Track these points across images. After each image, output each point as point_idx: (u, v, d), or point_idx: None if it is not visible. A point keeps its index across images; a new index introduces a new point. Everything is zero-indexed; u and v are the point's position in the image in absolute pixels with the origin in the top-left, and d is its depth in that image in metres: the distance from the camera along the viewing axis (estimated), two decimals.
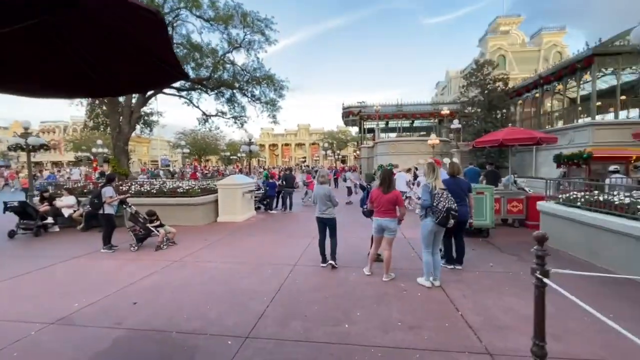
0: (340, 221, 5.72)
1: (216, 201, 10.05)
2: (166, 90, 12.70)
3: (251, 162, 19.52)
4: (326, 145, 36.38)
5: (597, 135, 15.21)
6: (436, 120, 32.73)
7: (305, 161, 79.65)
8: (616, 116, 16.18)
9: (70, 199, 9.19)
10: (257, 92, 13.33)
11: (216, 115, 14.34)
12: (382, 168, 7.81)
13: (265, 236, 7.78)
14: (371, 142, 35.18)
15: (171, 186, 9.67)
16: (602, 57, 15.17)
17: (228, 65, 11.34)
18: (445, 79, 41.79)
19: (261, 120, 57.99)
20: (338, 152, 46.28)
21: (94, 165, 31.06)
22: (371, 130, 37.40)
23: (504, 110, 20.80)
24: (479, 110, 20.56)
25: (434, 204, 4.08)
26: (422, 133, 35.21)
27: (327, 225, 5.32)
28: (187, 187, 9.53)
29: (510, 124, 20.29)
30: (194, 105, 13.64)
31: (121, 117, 11.21)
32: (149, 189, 9.63)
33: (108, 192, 6.54)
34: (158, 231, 6.70)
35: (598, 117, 17.92)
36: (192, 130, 42.15)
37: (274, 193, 11.89)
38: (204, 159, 51.48)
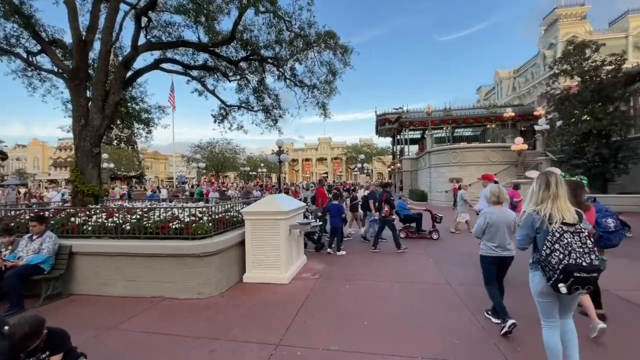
0: None
1: (242, 243, 5.41)
2: (168, 66, 8.43)
3: (280, 177, 14.97)
4: (362, 156, 31.65)
5: None
6: (493, 125, 27.50)
7: (327, 177, 75.28)
8: None
9: None
10: (302, 69, 8.81)
11: (240, 106, 9.88)
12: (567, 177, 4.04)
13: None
14: (415, 153, 30.28)
15: (159, 218, 5.10)
16: None
17: (261, 11, 6.85)
18: (493, 81, 36.72)
19: (287, 127, 53.87)
20: (367, 165, 41.34)
21: None
22: (414, 141, 32.46)
23: (622, 103, 15.50)
24: (579, 104, 15.32)
25: (544, 254, 2.26)
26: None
27: (505, 267, 3.58)
28: (189, 219, 4.92)
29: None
30: (207, 89, 9.25)
31: (90, 103, 6.92)
32: (120, 221, 5.10)
33: None
34: None
35: None
36: (208, 143, 38.68)
37: (339, 223, 7.14)
38: (222, 175, 47.84)
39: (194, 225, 4.82)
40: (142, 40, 7.83)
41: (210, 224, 4.98)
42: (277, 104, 9.97)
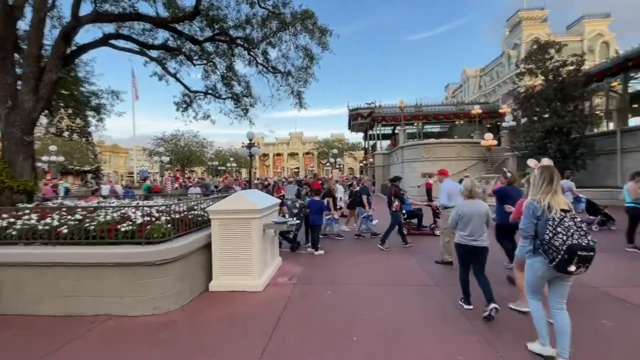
0: None
1: (208, 246, 4.69)
2: (121, 43, 7.33)
3: (251, 172, 14.13)
4: (335, 151, 31.33)
5: None
6: (461, 122, 28.27)
7: (298, 172, 74.52)
8: None
9: None
10: (276, 54, 8.07)
11: (206, 93, 8.95)
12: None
13: None
14: (386, 148, 30.47)
15: (107, 217, 4.23)
16: None
17: None
18: (460, 79, 37.86)
19: (257, 121, 52.35)
20: (339, 160, 41.14)
21: (47, 177, 24.83)
22: (386, 137, 32.63)
23: (581, 102, 16.30)
24: (544, 101, 15.93)
25: (546, 237, 2.49)
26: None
27: (481, 258, 3.73)
28: (143, 220, 4.12)
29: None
30: (168, 72, 8.23)
31: (20, 82, 5.77)
32: (57, 223, 4.17)
33: None
34: None
35: None
36: (173, 136, 36.33)
37: (320, 221, 6.64)
38: (188, 170, 45.45)
39: (149, 227, 4.04)
40: (88, 10, 6.71)
41: (170, 225, 4.22)
42: (248, 92, 9.16)
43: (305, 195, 8.32)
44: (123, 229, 4.05)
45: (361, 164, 45.10)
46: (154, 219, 4.26)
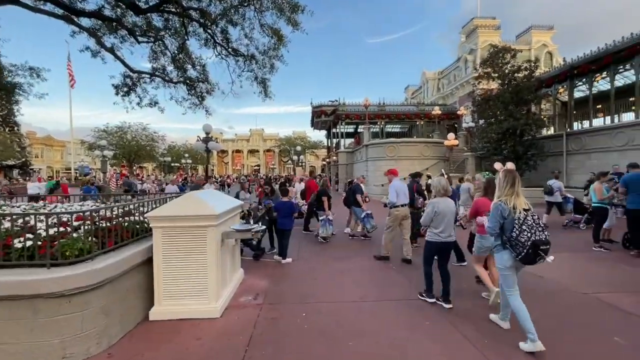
0: None
1: (148, 261, 3.65)
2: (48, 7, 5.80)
3: (208, 169, 12.80)
4: (299, 148, 30.35)
5: None
6: (422, 122, 28.96)
7: (259, 169, 72.44)
8: None
9: None
10: (238, 33, 7.04)
11: (152, 75, 7.63)
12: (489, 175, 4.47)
13: None
14: (348, 146, 30.29)
15: None
16: None
17: None
18: (420, 81, 39.01)
19: (215, 116, 49.44)
20: (302, 158, 40.32)
21: None
22: (349, 135, 32.43)
23: (535, 106, 17.24)
24: (501, 104, 16.60)
25: (513, 234, 2.81)
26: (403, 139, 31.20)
27: (449, 252, 4.06)
28: (55, 231, 2.99)
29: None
30: (103, 46, 6.79)
31: None
32: None
33: None
34: None
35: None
36: (118, 128, 32.72)
37: (291, 225, 5.83)
38: (136, 166, 41.59)
39: (58, 241, 2.93)
40: None
41: (93, 238, 3.13)
42: (204, 77, 7.99)
43: (265, 197, 7.34)
44: (19, 245, 2.89)
45: (324, 162, 44.70)
46: (69, 229, 3.15)
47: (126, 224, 3.78)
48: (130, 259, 3.39)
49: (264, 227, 4.49)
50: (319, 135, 48.91)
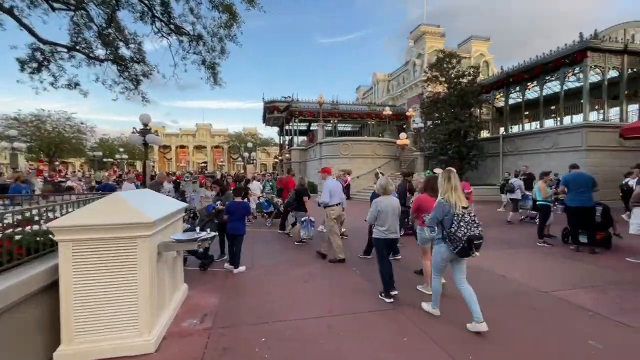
0: None
1: (53, 286, 2.73)
2: None
3: (147, 165, 11.26)
4: (250, 145, 28.84)
5: (592, 138, 13.51)
6: (373, 122, 29.62)
7: (206, 166, 68.53)
8: (605, 117, 15.06)
9: None
10: (181, 8, 6.03)
11: (71, 48, 6.27)
12: (430, 174, 5.72)
13: None
14: (300, 143, 29.82)
15: None
16: (596, 52, 13.70)
17: None
18: (371, 82, 39.97)
19: (156, 109, 45.01)
20: (253, 155, 38.59)
21: None
22: (302, 132, 31.91)
23: (477, 109, 18.47)
24: (448, 106, 17.52)
25: (452, 230, 3.14)
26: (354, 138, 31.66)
27: (393, 247, 4.62)
28: None
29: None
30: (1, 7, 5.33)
31: None
32: None
33: None
34: None
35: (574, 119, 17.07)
36: (35, 116, 28.02)
37: (243, 229, 5.12)
38: (59, 161, 36.24)
39: None
40: None
41: None
42: (140, 57, 6.83)
43: (216, 197, 6.52)
44: None
45: (275, 160, 43.64)
46: None
47: (19, 236, 2.80)
48: (26, 284, 2.47)
49: (212, 233, 3.76)
50: (271, 132, 47.78)
